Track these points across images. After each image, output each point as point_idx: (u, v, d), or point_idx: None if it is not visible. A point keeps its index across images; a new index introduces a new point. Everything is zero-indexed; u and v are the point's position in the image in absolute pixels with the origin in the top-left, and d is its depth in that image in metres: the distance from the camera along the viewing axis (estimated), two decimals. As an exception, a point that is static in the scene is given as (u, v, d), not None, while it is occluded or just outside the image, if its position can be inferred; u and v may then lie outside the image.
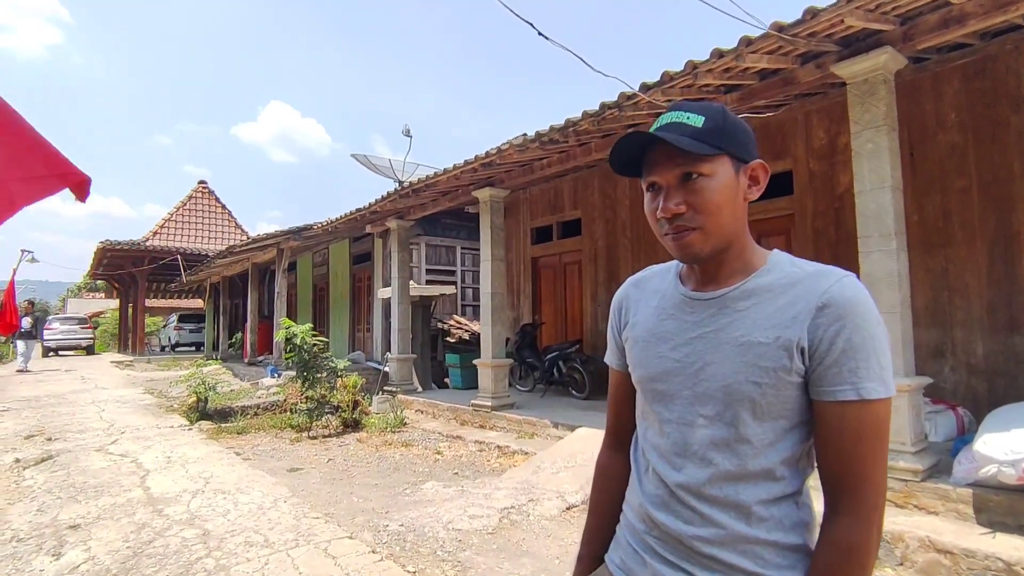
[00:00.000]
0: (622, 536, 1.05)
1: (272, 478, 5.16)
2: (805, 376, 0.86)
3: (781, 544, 0.88)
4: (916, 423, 3.70)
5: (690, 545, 0.91)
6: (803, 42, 3.86)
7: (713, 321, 0.92)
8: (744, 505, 0.88)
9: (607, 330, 1.16)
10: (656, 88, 4.53)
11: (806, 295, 0.87)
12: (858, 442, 0.83)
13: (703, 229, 0.89)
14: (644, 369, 1.00)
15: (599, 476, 1.17)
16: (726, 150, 0.89)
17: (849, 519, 0.84)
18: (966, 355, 4.87)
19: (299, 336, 7.60)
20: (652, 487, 0.97)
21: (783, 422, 0.88)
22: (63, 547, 3.60)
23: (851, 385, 0.83)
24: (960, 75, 4.93)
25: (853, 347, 0.83)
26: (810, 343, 0.85)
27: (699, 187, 0.88)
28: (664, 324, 0.98)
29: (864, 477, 0.84)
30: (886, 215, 3.83)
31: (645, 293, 1.06)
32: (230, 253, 13.39)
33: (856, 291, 0.86)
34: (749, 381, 0.87)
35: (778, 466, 0.88)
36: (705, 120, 0.89)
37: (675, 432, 0.94)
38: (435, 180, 7.42)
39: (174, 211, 23.97)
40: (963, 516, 3.30)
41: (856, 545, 0.83)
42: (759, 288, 0.91)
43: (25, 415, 8.55)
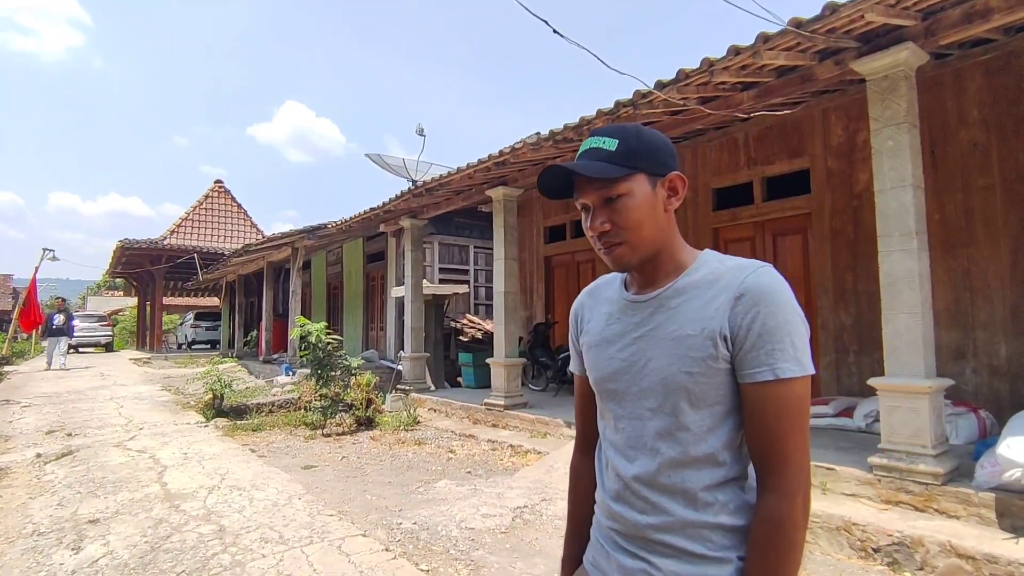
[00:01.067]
0: (593, 535, 1.12)
1: (287, 475, 5.20)
2: (731, 362, 0.92)
3: (726, 526, 0.93)
4: (937, 425, 3.63)
5: (645, 534, 0.97)
6: (822, 38, 3.81)
7: (651, 320, 1.00)
8: (690, 491, 0.94)
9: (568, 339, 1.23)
10: (672, 86, 4.49)
11: (726, 287, 0.93)
12: (778, 420, 0.89)
13: (628, 243, 0.97)
14: (597, 371, 1.07)
15: (572, 480, 1.24)
16: (640, 169, 0.96)
17: (775, 495, 0.89)
18: (988, 357, 4.78)
19: (314, 334, 7.65)
20: (611, 482, 1.04)
21: (718, 408, 0.94)
22: (83, 541, 3.65)
23: (768, 367, 0.89)
24: (983, 71, 4.83)
25: (768, 331, 0.89)
26: (731, 331, 0.91)
27: (619, 207, 0.96)
28: (611, 327, 1.06)
29: (786, 454, 0.90)
30: (907, 214, 3.77)
31: (598, 301, 1.14)
32: (245, 252, 13.51)
33: (771, 280, 0.92)
34: (682, 371, 0.93)
35: (719, 451, 0.94)
36: (619, 143, 0.96)
37: (628, 427, 1.01)
38: (448, 179, 7.43)
39: (191, 210, 24.27)
40: (985, 521, 3.24)
41: (783, 519, 0.88)
42: (688, 285, 0.98)
43: (46, 411, 8.70)
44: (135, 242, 19.41)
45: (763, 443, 0.91)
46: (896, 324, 3.77)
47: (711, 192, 6.97)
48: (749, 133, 6.52)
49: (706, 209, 7.00)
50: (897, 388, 3.71)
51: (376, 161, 11.91)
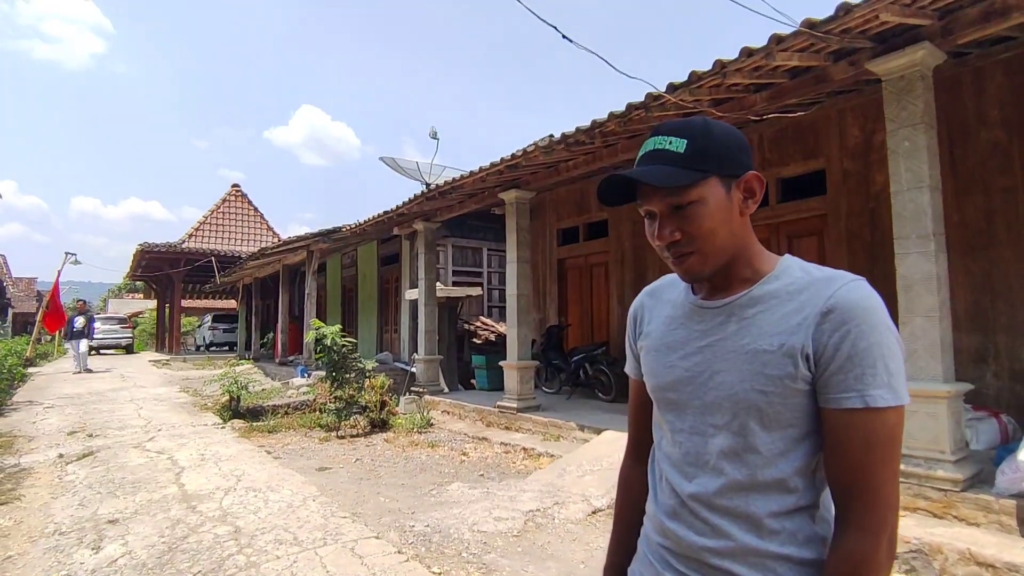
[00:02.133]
0: (641, 548, 1.05)
1: (301, 477, 5.25)
2: (812, 384, 0.84)
3: (794, 559, 0.86)
4: (956, 431, 3.57)
5: (701, 557, 0.90)
6: (836, 39, 3.77)
7: (721, 329, 0.92)
8: (755, 517, 0.87)
9: (625, 340, 1.16)
10: (684, 88, 4.47)
11: (812, 301, 0.85)
12: (866, 452, 0.81)
13: (700, 252, 0.90)
14: (656, 378, 1.00)
15: (622, 486, 1.17)
16: (713, 172, 0.88)
17: (858, 533, 0.81)
18: (1010, 361, 4.68)
19: (329, 337, 7.73)
20: (665, 497, 0.97)
21: (793, 431, 0.86)
22: (102, 541, 3.72)
23: (857, 392, 0.81)
24: (1003, 69, 4.75)
25: (858, 353, 0.81)
26: (815, 350, 0.83)
27: (690, 215, 0.88)
28: (675, 333, 0.99)
29: (873, 489, 0.81)
30: (924, 216, 3.71)
31: (660, 302, 1.06)
32: (262, 255, 13.68)
33: (863, 295, 0.83)
34: (755, 390, 0.86)
35: (791, 477, 0.86)
36: (688, 143, 0.88)
37: (687, 442, 0.94)
38: (461, 182, 7.46)
39: (209, 214, 24.60)
40: (1006, 528, 3.17)
41: (863, 559, 0.81)
42: (766, 295, 0.90)
43: (68, 412, 8.87)
44: (154, 245, 19.72)
45: (847, 475, 0.83)
46: (913, 327, 3.71)
47: (725, 194, 6.91)
48: (764, 134, 6.47)
49: (720, 211, 6.95)
50: (915, 392, 3.65)
51: (390, 164, 11.99)
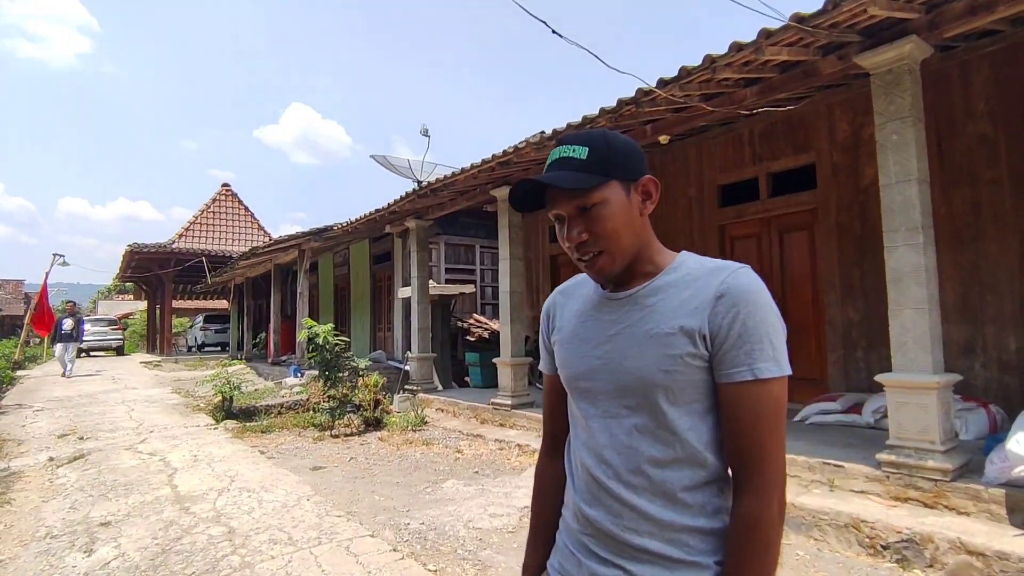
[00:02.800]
0: (560, 540, 1.09)
1: (295, 476, 5.24)
2: (709, 361, 0.93)
3: (705, 530, 0.93)
4: (946, 421, 3.61)
5: (621, 539, 0.95)
6: (824, 33, 3.78)
7: (627, 317, 0.99)
8: (670, 492, 0.93)
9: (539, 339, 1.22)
10: (674, 83, 4.47)
11: (706, 287, 0.94)
12: (756, 420, 0.90)
13: (608, 251, 0.97)
14: (571, 368, 1.05)
15: (538, 482, 1.21)
16: (613, 176, 0.96)
17: (751, 496, 0.89)
18: (998, 351, 4.73)
19: (321, 336, 7.70)
20: (583, 484, 1.02)
21: (697, 406, 0.94)
22: (95, 544, 3.70)
23: (747, 367, 0.90)
24: (989, 63, 4.79)
25: (747, 331, 0.90)
26: (711, 330, 0.92)
27: (595, 216, 0.96)
28: (586, 325, 1.05)
29: (763, 455, 0.90)
30: (912, 209, 3.74)
31: (571, 299, 1.13)
32: (253, 255, 13.60)
33: (750, 281, 0.93)
34: (660, 369, 0.93)
35: (700, 450, 0.94)
36: (589, 151, 0.96)
37: (602, 426, 1.00)
38: (453, 180, 7.44)
39: (199, 214, 24.42)
40: (995, 517, 3.21)
41: (758, 520, 0.89)
42: (665, 284, 0.99)
43: (58, 415, 8.80)
44: (144, 246, 19.57)
45: (740, 443, 0.91)
46: (903, 319, 3.74)
47: (717, 188, 6.94)
48: (754, 129, 6.49)
49: (712, 206, 6.98)
50: (905, 384, 3.68)
51: (381, 162, 11.95)
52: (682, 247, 1.10)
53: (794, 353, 5.31)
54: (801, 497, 3.72)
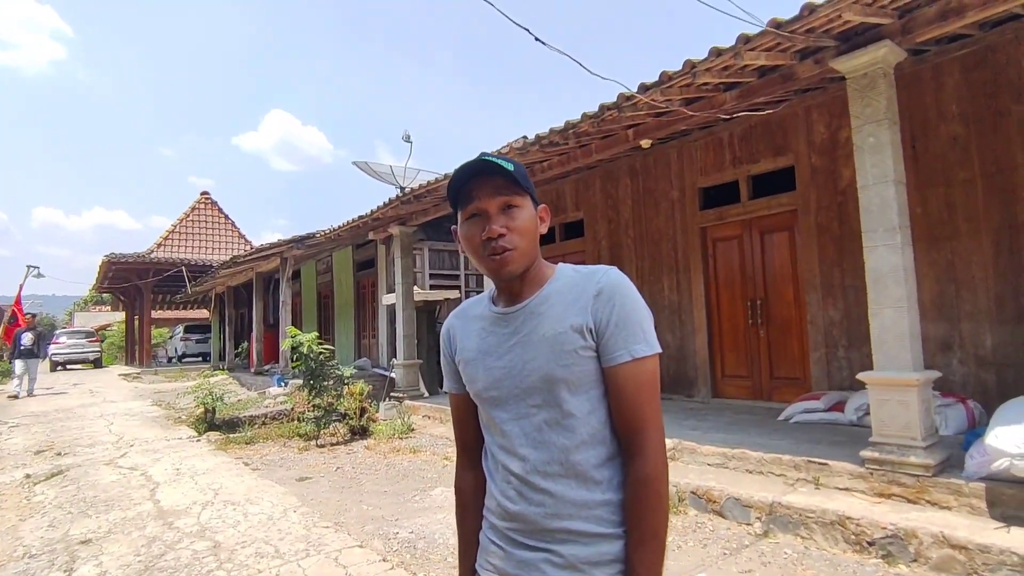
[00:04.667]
0: (484, 540, 1.19)
1: (281, 488, 5.17)
2: (596, 351, 1.06)
3: (614, 502, 1.06)
4: (926, 417, 3.67)
5: (545, 526, 1.06)
6: (801, 38, 3.85)
7: (524, 327, 1.11)
8: (582, 472, 1.06)
9: (440, 361, 1.33)
10: (655, 88, 4.52)
11: (585, 288, 1.09)
12: (637, 393, 1.05)
13: (519, 249, 1.08)
14: (479, 383, 1.15)
15: (459, 497, 1.28)
16: (529, 192, 1.12)
17: (641, 458, 1.03)
18: (974, 347, 4.84)
19: (305, 344, 7.61)
20: (505, 484, 1.12)
21: (594, 392, 1.07)
22: (75, 563, 3.61)
23: (625, 349, 1.05)
24: (960, 66, 4.91)
25: (623, 319, 1.05)
26: (595, 323, 1.06)
27: (516, 215, 1.09)
28: (487, 340, 1.16)
29: (646, 421, 1.05)
30: (890, 209, 3.81)
31: (467, 320, 1.23)
32: (234, 263, 13.43)
33: (619, 278, 1.09)
34: (560, 364, 1.06)
35: (601, 428, 1.07)
36: (515, 167, 1.08)
37: (515, 427, 1.10)
38: (436, 185, 7.43)
39: (178, 223, 24.09)
40: (976, 511, 3.27)
41: (650, 476, 1.03)
42: (552, 293, 1.12)
43: (35, 430, 8.59)
44: (121, 256, 19.23)
45: (628, 414, 1.05)
46: (883, 318, 3.81)
47: (698, 191, 7.01)
48: (734, 132, 6.57)
49: (693, 208, 7.04)
50: (886, 382, 3.75)
51: (364, 169, 11.88)
52: (665, 249, 1.17)
53: (777, 352, 5.37)
54: (787, 496, 3.76)
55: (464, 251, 1.15)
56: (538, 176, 7.03)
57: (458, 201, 1.13)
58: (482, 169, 1.08)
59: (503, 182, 1.08)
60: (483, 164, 1.08)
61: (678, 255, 7.18)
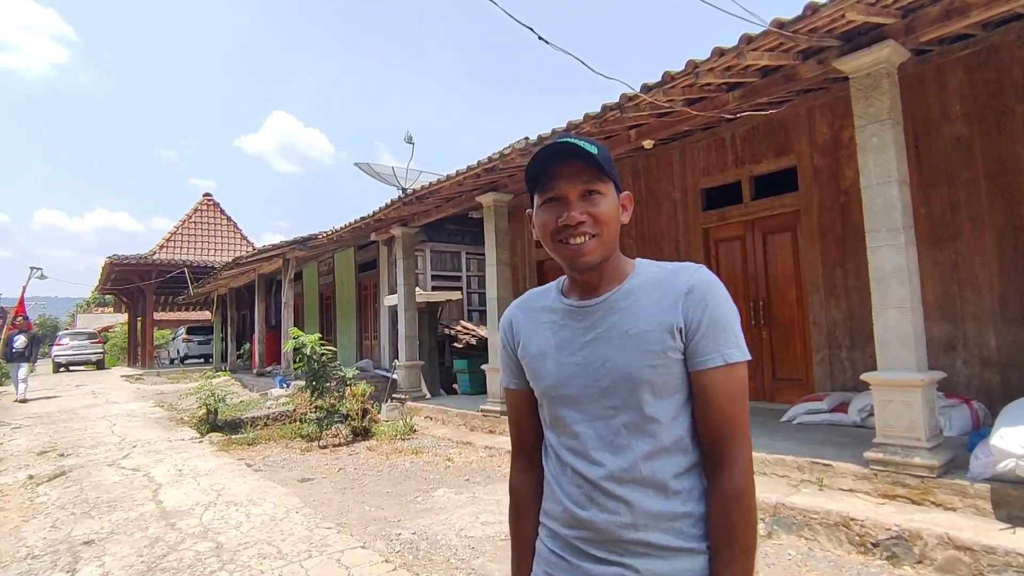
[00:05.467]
0: (542, 549, 1.10)
1: (284, 489, 5.16)
2: (684, 352, 1.00)
3: (695, 515, 0.99)
4: (931, 418, 3.66)
5: (619, 536, 0.98)
6: (804, 38, 3.84)
7: (603, 322, 1.04)
8: (661, 481, 0.98)
9: (500, 355, 1.24)
10: (658, 88, 4.51)
11: (674, 286, 1.02)
12: (728, 401, 0.98)
13: (599, 237, 1.01)
14: (548, 379, 1.08)
15: (514, 500, 1.20)
16: (613, 178, 1.04)
17: (732, 470, 0.97)
18: (978, 348, 4.82)
19: (308, 346, 7.61)
20: (574, 488, 1.04)
21: (679, 396, 1.01)
22: (78, 563, 3.61)
23: (718, 353, 0.98)
24: (963, 66, 4.89)
25: (715, 321, 0.99)
26: (685, 322, 0.99)
27: (598, 201, 1.02)
28: (559, 335, 1.08)
29: (737, 432, 0.98)
30: (893, 209, 3.80)
31: (531, 313, 1.15)
32: (236, 265, 13.45)
33: (710, 277, 1.02)
34: (645, 365, 0.98)
35: (684, 436, 1.00)
36: (599, 150, 1.01)
37: (588, 429, 1.03)
38: (438, 186, 7.43)
39: (180, 224, 24.12)
40: (982, 512, 3.26)
41: (741, 490, 0.96)
42: (635, 288, 1.05)
43: (37, 431, 8.60)
44: (124, 258, 19.26)
45: (717, 423, 0.98)
46: (886, 319, 3.80)
47: (700, 192, 7.00)
48: (736, 133, 6.57)
49: (695, 209, 7.03)
50: (890, 382, 3.73)
51: (365, 170, 11.89)
52: (667, 250, 1.15)
53: (780, 353, 5.35)
54: (791, 497, 3.75)
55: (537, 237, 1.07)
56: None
57: (536, 184, 1.05)
58: (563, 151, 1.00)
59: (585, 166, 1.00)
60: (565, 146, 1.00)
61: (680, 256, 7.16)
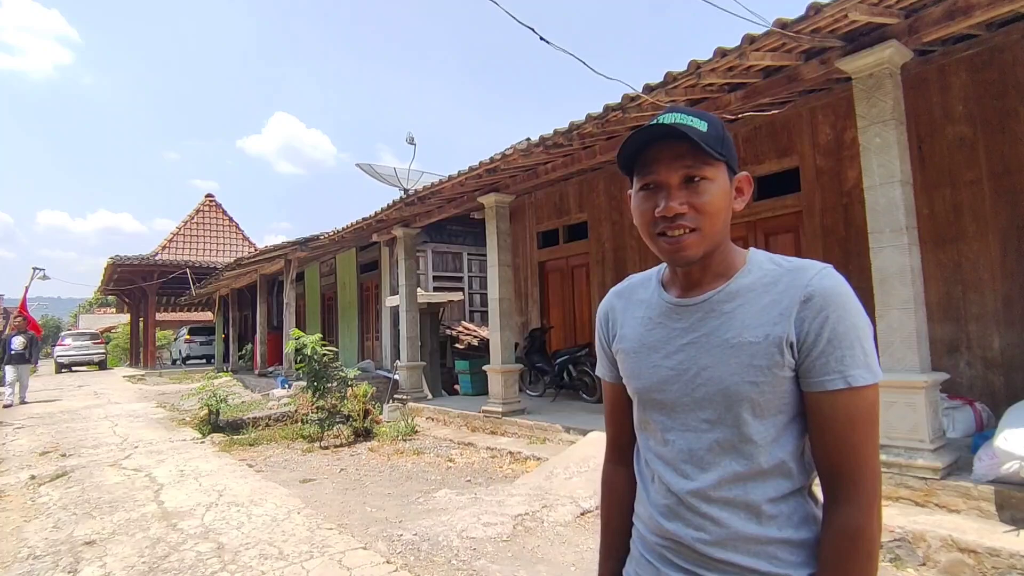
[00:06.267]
0: (635, 549, 1.05)
1: (285, 489, 5.16)
2: (796, 369, 0.87)
3: (793, 541, 0.88)
4: (934, 420, 3.64)
5: (702, 552, 0.90)
6: (807, 38, 3.83)
7: (702, 325, 0.93)
8: (754, 505, 0.88)
9: (596, 343, 1.15)
10: (660, 89, 4.51)
11: (789, 290, 0.88)
12: (851, 430, 0.85)
13: (701, 231, 0.89)
14: (640, 380, 0.99)
15: (606, 491, 1.16)
16: (726, 158, 0.91)
17: (850, 507, 0.84)
18: (982, 349, 4.80)
19: (309, 346, 7.61)
20: (660, 497, 0.97)
21: (782, 417, 0.89)
22: (79, 564, 3.60)
23: (839, 374, 0.84)
24: (967, 66, 4.88)
25: (838, 336, 0.84)
26: (798, 336, 0.86)
27: (702, 189, 0.89)
28: (653, 333, 0.99)
29: (860, 464, 0.85)
30: (896, 210, 3.79)
31: (630, 303, 1.06)
32: (238, 265, 13.46)
33: (836, 282, 0.87)
34: (746, 381, 0.87)
35: (787, 461, 0.89)
36: (708, 126, 0.89)
37: (679, 439, 0.94)
38: (440, 187, 7.43)
39: (182, 225, 24.15)
40: (985, 514, 3.24)
41: (860, 531, 0.83)
42: (742, 289, 0.92)
43: (39, 432, 8.61)
44: (126, 259, 19.30)
45: (835, 453, 0.86)
46: (889, 319, 3.78)
47: (702, 193, 6.99)
48: (738, 133, 6.56)
49: (698, 210, 7.02)
50: (893, 384, 3.72)
51: (367, 171, 11.91)
52: None
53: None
54: (794, 498, 3.73)
55: (636, 223, 0.96)
56: (541, 178, 7.03)
57: (634, 164, 0.93)
58: (665, 132, 0.88)
59: (689, 148, 0.87)
60: (665, 128, 0.88)
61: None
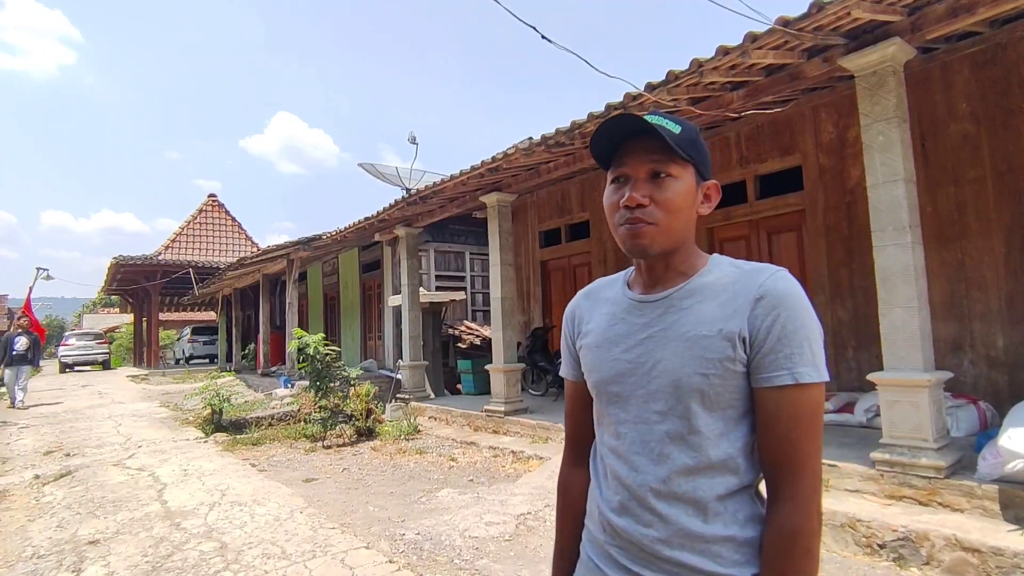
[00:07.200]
0: (583, 553, 1.06)
1: (288, 489, 5.17)
2: (747, 366, 0.90)
3: (738, 539, 0.89)
4: (938, 419, 3.63)
5: (650, 549, 0.92)
6: (809, 36, 3.82)
7: (661, 320, 0.96)
8: (702, 501, 0.90)
9: (561, 343, 1.18)
10: (662, 88, 4.50)
11: (744, 290, 0.92)
12: (794, 426, 0.87)
13: (660, 225, 0.93)
14: (599, 373, 1.02)
15: (561, 494, 1.16)
16: (694, 162, 0.96)
17: (789, 504, 0.86)
18: (985, 348, 4.78)
19: (311, 346, 7.62)
20: (611, 493, 0.98)
21: (732, 411, 0.91)
22: (83, 563, 3.62)
23: (787, 370, 0.87)
24: (970, 64, 4.86)
25: (787, 335, 0.87)
26: (750, 332, 0.89)
27: (666, 185, 0.94)
28: (615, 328, 1.02)
29: (800, 461, 0.87)
30: (900, 208, 3.78)
31: (596, 302, 1.09)
32: (241, 265, 13.49)
33: (789, 284, 0.91)
34: (697, 373, 0.90)
35: (733, 456, 0.90)
36: (682, 130, 0.94)
37: (631, 432, 0.96)
38: (442, 187, 7.43)
39: (185, 225, 24.23)
40: (989, 513, 3.23)
41: (798, 530, 0.85)
42: (701, 287, 0.96)
43: (44, 431, 8.64)
44: (129, 258, 19.35)
45: (778, 449, 0.88)
46: (892, 318, 3.77)
47: (704, 192, 6.98)
48: (740, 132, 6.54)
49: (700, 209, 7.01)
50: (896, 382, 3.71)
51: (369, 171, 11.90)
52: None
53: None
54: (797, 498, 3.72)
55: (605, 213, 1.00)
56: (543, 177, 7.02)
57: (610, 158, 0.98)
58: (638, 129, 0.93)
59: (659, 146, 0.92)
60: (639, 123, 0.92)
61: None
